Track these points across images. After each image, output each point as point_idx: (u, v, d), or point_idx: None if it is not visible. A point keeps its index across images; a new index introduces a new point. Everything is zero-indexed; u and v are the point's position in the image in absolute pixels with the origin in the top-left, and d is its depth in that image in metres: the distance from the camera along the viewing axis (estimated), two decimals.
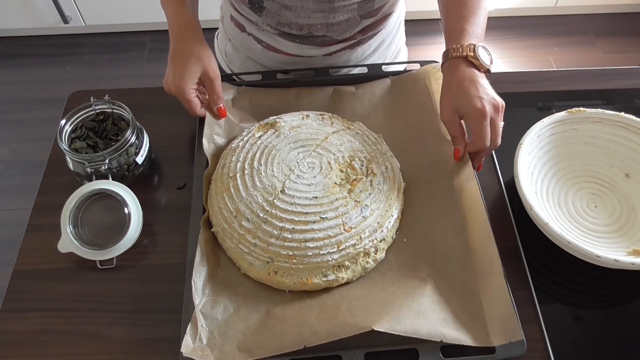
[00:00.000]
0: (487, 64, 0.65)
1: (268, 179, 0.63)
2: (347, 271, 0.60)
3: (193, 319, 0.56)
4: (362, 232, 0.60)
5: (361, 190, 0.63)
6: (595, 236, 0.65)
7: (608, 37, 2.23)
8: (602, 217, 0.67)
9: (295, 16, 0.76)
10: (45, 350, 0.59)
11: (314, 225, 0.59)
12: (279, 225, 0.60)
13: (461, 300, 0.58)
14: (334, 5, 0.74)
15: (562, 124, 0.71)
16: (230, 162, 0.66)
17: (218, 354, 0.54)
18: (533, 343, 0.58)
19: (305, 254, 0.59)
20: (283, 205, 0.61)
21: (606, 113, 0.70)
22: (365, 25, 0.81)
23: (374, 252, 0.61)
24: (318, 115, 0.72)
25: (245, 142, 0.68)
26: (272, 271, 0.59)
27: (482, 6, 0.70)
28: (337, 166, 0.65)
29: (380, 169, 0.66)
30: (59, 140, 0.67)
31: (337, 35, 0.80)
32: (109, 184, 0.66)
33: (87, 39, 2.24)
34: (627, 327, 0.61)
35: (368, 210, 0.61)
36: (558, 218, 0.67)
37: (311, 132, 0.69)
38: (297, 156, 0.66)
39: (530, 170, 0.68)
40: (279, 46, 0.82)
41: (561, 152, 0.71)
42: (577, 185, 0.70)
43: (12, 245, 0.74)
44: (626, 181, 0.69)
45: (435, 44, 2.22)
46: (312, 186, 0.63)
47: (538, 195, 0.68)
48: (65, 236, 0.64)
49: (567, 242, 0.59)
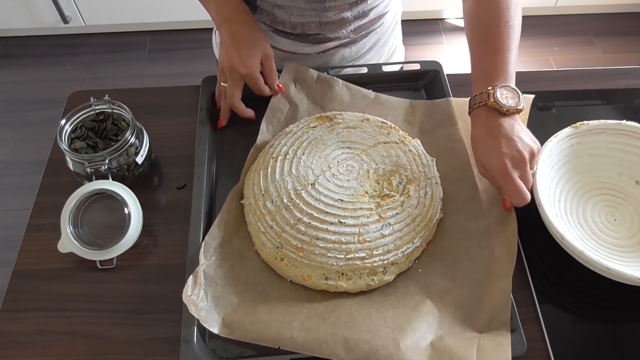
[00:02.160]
0: (511, 105, 0.60)
1: (304, 170, 0.64)
2: (349, 282, 0.59)
3: (195, 273, 0.58)
4: (375, 248, 0.59)
5: (389, 207, 0.61)
6: (621, 252, 0.64)
7: (608, 37, 2.23)
8: (623, 229, 0.66)
9: (287, 15, 0.77)
10: (45, 350, 0.59)
11: (330, 227, 0.59)
12: (297, 215, 0.60)
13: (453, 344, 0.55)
14: (325, 4, 0.75)
15: (569, 139, 0.70)
16: (278, 144, 0.68)
17: (205, 315, 0.56)
18: (533, 343, 0.58)
19: (313, 250, 0.59)
20: (308, 198, 0.61)
21: (609, 123, 0.70)
22: (358, 24, 0.81)
23: (382, 272, 0.60)
24: (379, 121, 0.71)
25: (299, 129, 0.69)
26: (279, 257, 0.60)
27: (513, 35, 0.64)
28: (374, 176, 0.64)
29: (419, 192, 0.64)
30: (59, 140, 0.67)
31: (330, 33, 0.80)
32: (109, 184, 0.66)
33: (87, 39, 2.24)
34: (628, 326, 0.61)
35: (389, 229, 0.60)
36: (584, 239, 0.65)
37: (363, 136, 0.68)
38: (340, 155, 0.66)
39: (547, 194, 0.66)
40: (274, 42, 0.83)
41: (570, 167, 0.70)
42: (592, 200, 0.69)
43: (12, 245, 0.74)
44: (637, 188, 0.69)
45: (434, 43, 2.23)
46: (343, 189, 0.62)
47: (559, 218, 0.66)
48: (65, 236, 0.64)
49: (607, 269, 0.57)
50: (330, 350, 0.54)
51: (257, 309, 0.58)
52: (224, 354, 0.57)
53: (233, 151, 0.74)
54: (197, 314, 0.56)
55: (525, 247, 0.66)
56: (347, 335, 0.55)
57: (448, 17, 2.32)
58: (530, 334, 0.58)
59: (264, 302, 0.59)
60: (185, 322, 0.57)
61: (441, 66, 0.81)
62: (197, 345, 0.56)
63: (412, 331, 0.56)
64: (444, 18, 2.31)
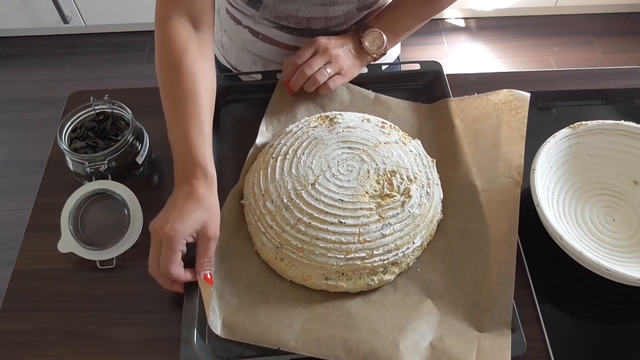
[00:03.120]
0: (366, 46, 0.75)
1: (304, 170, 0.64)
2: (349, 282, 0.59)
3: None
4: (375, 248, 0.59)
5: (390, 207, 0.61)
6: (620, 252, 0.64)
7: (608, 37, 2.23)
8: (621, 230, 0.66)
9: (295, 9, 0.76)
10: (45, 350, 0.59)
11: (330, 227, 0.59)
12: (297, 215, 0.60)
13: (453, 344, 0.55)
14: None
15: (567, 140, 0.70)
16: (278, 144, 0.68)
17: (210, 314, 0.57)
18: (533, 343, 0.58)
19: (313, 250, 0.59)
20: (308, 198, 0.61)
21: (607, 123, 0.70)
22: (362, 16, 0.81)
23: (382, 272, 0.60)
24: (379, 121, 0.71)
25: (299, 129, 0.69)
26: (279, 257, 0.60)
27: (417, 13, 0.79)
28: (375, 176, 0.64)
29: (420, 192, 0.63)
30: (59, 140, 0.67)
31: (335, 27, 0.80)
32: (109, 184, 0.66)
33: (86, 39, 2.24)
34: (627, 327, 0.61)
35: (389, 229, 0.60)
36: (582, 239, 0.65)
37: (364, 136, 0.68)
38: (340, 156, 0.66)
39: (545, 194, 0.67)
40: (277, 38, 0.82)
41: (568, 167, 0.70)
42: (590, 200, 0.69)
43: (12, 245, 0.74)
44: (636, 188, 0.69)
45: (434, 43, 2.23)
46: (343, 189, 0.62)
47: (558, 219, 0.66)
48: (65, 236, 0.64)
49: (606, 269, 0.57)
50: (329, 352, 0.54)
51: (257, 309, 0.58)
52: (224, 354, 0.57)
53: (232, 152, 0.74)
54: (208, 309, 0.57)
55: (525, 247, 0.66)
56: (346, 336, 0.55)
57: (448, 17, 2.32)
58: (530, 334, 0.58)
59: (264, 302, 0.59)
60: (185, 322, 0.57)
61: (441, 66, 0.81)
62: (197, 345, 0.56)
63: (411, 331, 0.56)
64: (444, 18, 2.31)
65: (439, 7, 0.81)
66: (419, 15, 0.80)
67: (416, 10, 0.79)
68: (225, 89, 0.80)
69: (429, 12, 0.81)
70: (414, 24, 0.81)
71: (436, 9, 0.81)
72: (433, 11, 0.81)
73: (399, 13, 0.79)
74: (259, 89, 0.81)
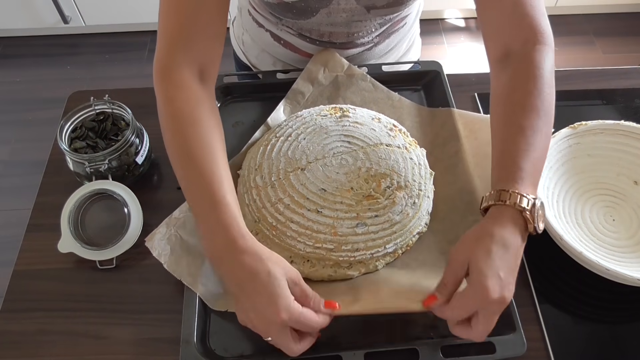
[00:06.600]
0: (540, 228, 0.53)
1: (299, 153, 0.64)
2: (312, 269, 0.60)
3: (169, 220, 0.63)
4: (345, 243, 0.59)
5: (370, 208, 0.60)
6: (620, 252, 0.64)
7: (608, 37, 2.23)
8: (621, 230, 0.66)
9: (317, 24, 0.76)
10: (45, 350, 0.59)
11: (306, 213, 0.60)
12: (279, 195, 0.61)
13: None
14: (366, 16, 0.72)
15: (567, 140, 0.70)
16: (285, 125, 0.69)
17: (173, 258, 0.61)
18: (533, 343, 0.58)
19: (285, 232, 0.60)
20: (294, 181, 0.62)
21: (607, 123, 0.70)
22: (383, 29, 0.80)
23: (347, 267, 0.60)
24: (390, 123, 0.70)
25: (309, 115, 0.70)
26: (255, 231, 0.62)
27: (542, 137, 0.55)
28: (365, 175, 0.63)
29: (405, 201, 0.62)
30: (59, 140, 0.67)
31: (357, 39, 0.80)
32: (109, 184, 0.66)
33: (86, 39, 2.24)
34: (627, 327, 0.61)
35: (363, 229, 0.59)
36: (582, 239, 0.65)
37: (367, 134, 0.67)
38: (338, 148, 0.65)
39: (545, 194, 0.67)
40: (298, 45, 0.82)
41: (568, 167, 0.70)
42: (590, 200, 0.69)
43: (12, 245, 0.74)
44: (636, 188, 0.69)
45: (435, 43, 2.23)
46: (329, 180, 0.62)
47: (558, 219, 0.66)
48: (65, 236, 0.64)
49: (606, 269, 0.57)
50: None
51: None
52: (224, 354, 0.57)
53: (233, 151, 0.74)
54: (159, 256, 0.61)
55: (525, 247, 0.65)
56: None
57: (448, 17, 2.32)
58: (530, 334, 0.58)
59: None
60: (185, 322, 0.57)
61: (441, 66, 0.81)
62: (197, 345, 0.56)
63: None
64: (444, 18, 2.31)
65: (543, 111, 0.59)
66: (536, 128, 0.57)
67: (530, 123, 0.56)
68: (225, 89, 0.79)
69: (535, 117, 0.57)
70: (540, 148, 0.56)
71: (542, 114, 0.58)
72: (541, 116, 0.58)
73: (523, 146, 0.55)
74: (259, 89, 0.81)
